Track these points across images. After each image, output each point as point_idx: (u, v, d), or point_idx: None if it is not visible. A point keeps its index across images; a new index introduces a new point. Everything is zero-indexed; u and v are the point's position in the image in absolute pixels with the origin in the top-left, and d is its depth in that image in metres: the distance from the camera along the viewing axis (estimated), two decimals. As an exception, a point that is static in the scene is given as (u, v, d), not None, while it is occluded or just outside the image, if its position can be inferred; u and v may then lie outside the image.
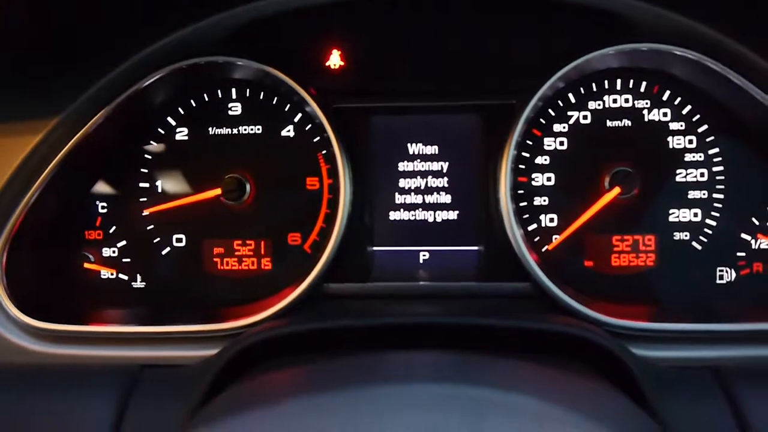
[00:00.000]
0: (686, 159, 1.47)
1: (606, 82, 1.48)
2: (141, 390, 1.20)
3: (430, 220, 1.52)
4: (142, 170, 1.53)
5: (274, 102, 1.52)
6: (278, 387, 1.02)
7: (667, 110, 1.47)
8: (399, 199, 1.52)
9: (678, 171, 1.47)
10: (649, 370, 1.18)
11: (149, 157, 1.53)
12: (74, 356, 1.35)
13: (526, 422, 0.73)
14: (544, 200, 1.49)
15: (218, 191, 1.49)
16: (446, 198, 1.52)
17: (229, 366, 1.16)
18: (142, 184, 1.53)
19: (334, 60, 1.51)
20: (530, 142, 1.49)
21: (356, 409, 0.79)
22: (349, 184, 1.45)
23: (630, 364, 1.14)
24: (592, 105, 1.49)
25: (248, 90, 1.52)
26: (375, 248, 1.52)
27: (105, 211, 1.54)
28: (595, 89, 1.48)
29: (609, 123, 1.48)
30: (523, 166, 1.49)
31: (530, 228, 1.49)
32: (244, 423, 0.82)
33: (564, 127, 1.49)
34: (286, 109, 1.51)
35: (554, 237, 1.49)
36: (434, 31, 1.49)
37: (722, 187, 1.46)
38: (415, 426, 0.70)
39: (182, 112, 1.53)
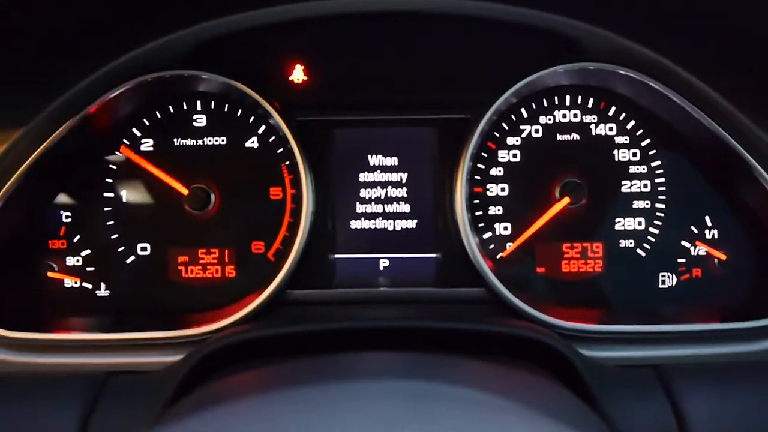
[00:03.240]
0: (631, 171, 1.54)
1: (556, 98, 1.54)
2: (107, 396, 1.21)
3: (390, 228, 1.56)
4: (106, 180, 1.54)
5: (238, 114, 1.54)
6: (240, 388, 1.03)
7: (613, 125, 1.54)
8: (360, 208, 1.56)
9: (623, 182, 1.54)
10: (596, 368, 1.24)
11: (114, 167, 1.55)
12: (39, 364, 1.35)
13: (477, 413, 0.79)
14: (499, 210, 1.55)
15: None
16: (405, 207, 1.57)
17: (194, 371, 1.18)
18: (106, 194, 1.54)
19: (297, 75, 1.55)
20: (485, 154, 1.55)
21: (312, 405, 0.82)
22: (312, 194, 1.49)
23: (577, 363, 1.20)
24: (543, 119, 1.55)
25: (213, 102, 1.54)
26: (337, 256, 1.56)
27: (69, 220, 1.54)
28: (546, 104, 1.55)
29: (559, 137, 1.55)
30: (478, 177, 1.55)
31: (485, 236, 1.55)
32: (204, 422, 0.84)
33: (517, 140, 1.55)
34: (251, 122, 1.54)
35: (508, 244, 1.55)
36: (394, 48, 1.54)
37: (664, 197, 1.54)
38: (370, 416, 0.75)
39: (147, 124, 1.54)
